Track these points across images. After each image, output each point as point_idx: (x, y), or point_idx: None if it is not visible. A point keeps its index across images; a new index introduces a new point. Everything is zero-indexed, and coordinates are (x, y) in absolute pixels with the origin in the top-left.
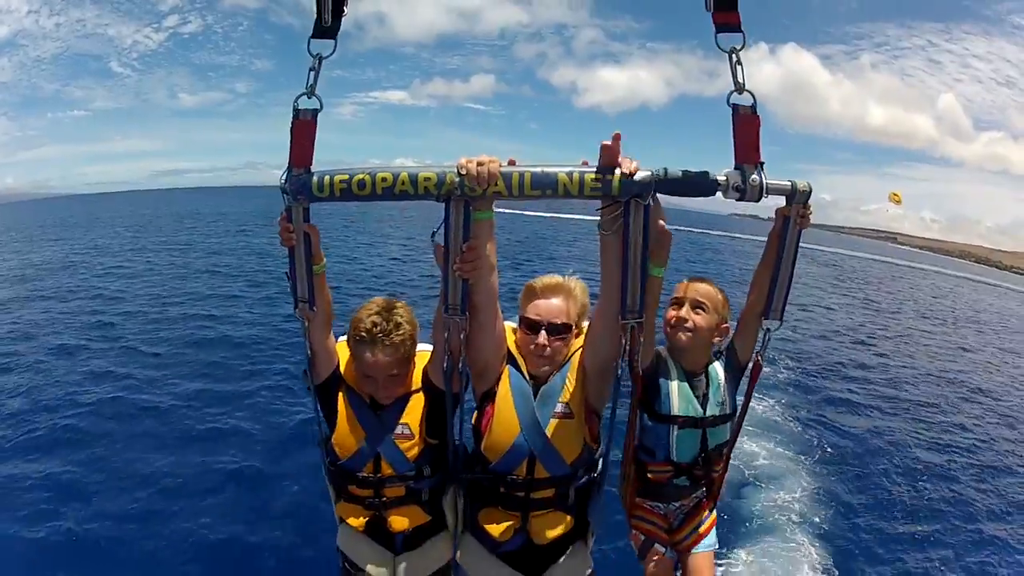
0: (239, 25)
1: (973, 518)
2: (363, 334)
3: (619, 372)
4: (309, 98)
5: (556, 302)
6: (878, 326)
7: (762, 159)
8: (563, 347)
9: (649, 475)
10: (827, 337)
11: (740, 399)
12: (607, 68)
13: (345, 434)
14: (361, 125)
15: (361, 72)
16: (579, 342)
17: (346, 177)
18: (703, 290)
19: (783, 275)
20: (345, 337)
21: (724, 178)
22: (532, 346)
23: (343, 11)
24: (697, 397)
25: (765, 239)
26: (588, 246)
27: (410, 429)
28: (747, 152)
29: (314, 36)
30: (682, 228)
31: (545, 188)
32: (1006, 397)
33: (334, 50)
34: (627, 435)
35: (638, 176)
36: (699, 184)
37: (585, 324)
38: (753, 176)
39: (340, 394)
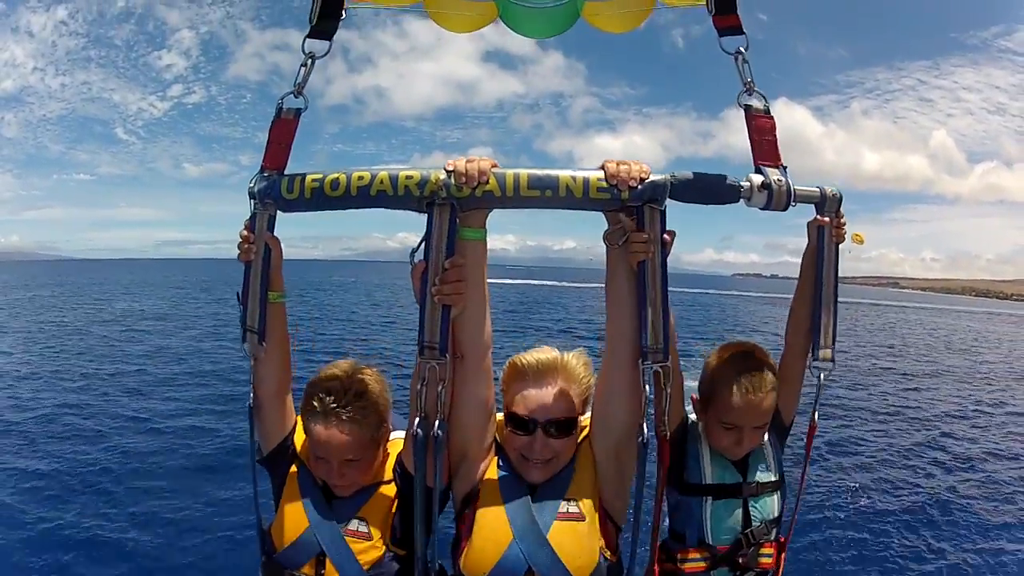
0: (243, 97)
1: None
2: (314, 404)
3: (642, 439)
4: (296, 97)
5: (553, 391)
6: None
7: (784, 163)
8: (568, 446)
9: (680, 566)
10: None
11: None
12: (602, 136)
13: (285, 520)
14: None
15: (363, 146)
16: (584, 420)
17: (319, 177)
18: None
19: (827, 300)
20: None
21: (747, 182)
22: (525, 452)
23: (341, 13)
24: (735, 462)
25: (767, 293)
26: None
27: (368, 527)
28: (767, 153)
29: (309, 36)
30: (685, 290)
31: (544, 189)
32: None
33: (328, 51)
34: (653, 528)
35: (652, 178)
36: (720, 188)
37: (588, 416)
38: (778, 177)
39: (292, 468)
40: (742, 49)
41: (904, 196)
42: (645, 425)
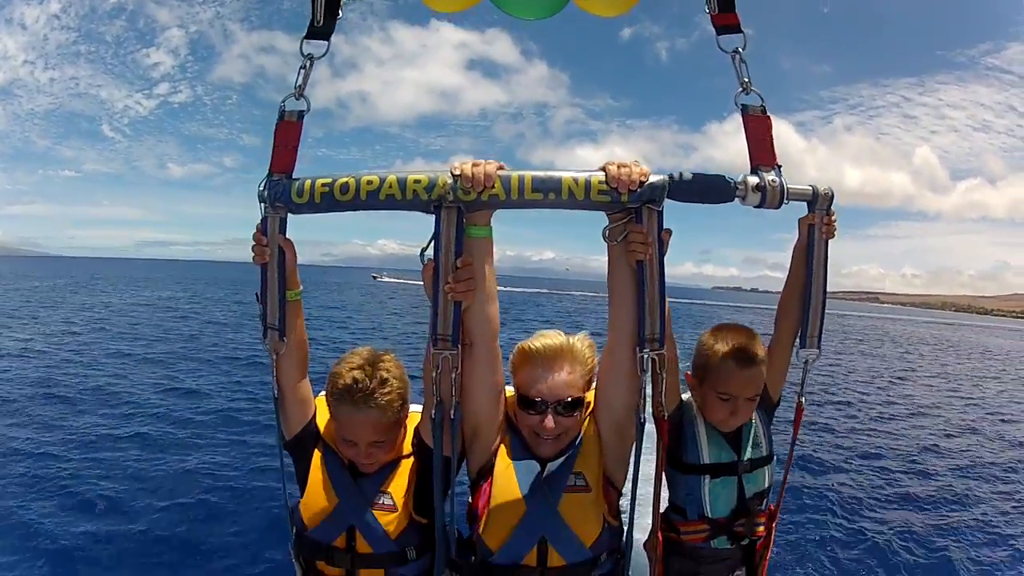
0: (228, 99)
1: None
2: (342, 392)
3: (640, 419)
4: (297, 99)
5: (562, 375)
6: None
7: (779, 162)
8: (576, 423)
9: (683, 537)
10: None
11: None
12: (583, 147)
13: (315, 499)
14: None
15: (346, 151)
16: (589, 395)
17: (329, 181)
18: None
19: (815, 294)
20: (324, 393)
21: (743, 183)
22: (537, 429)
23: (338, 13)
24: (729, 441)
25: (742, 305)
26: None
27: (393, 500)
28: (762, 153)
29: (307, 37)
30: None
31: (548, 191)
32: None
33: (327, 51)
34: (654, 499)
35: (650, 179)
36: (716, 188)
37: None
38: (772, 178)
39: (316, 451)
40: (740, 48)
41: (886, 212)
42: (642, 407)
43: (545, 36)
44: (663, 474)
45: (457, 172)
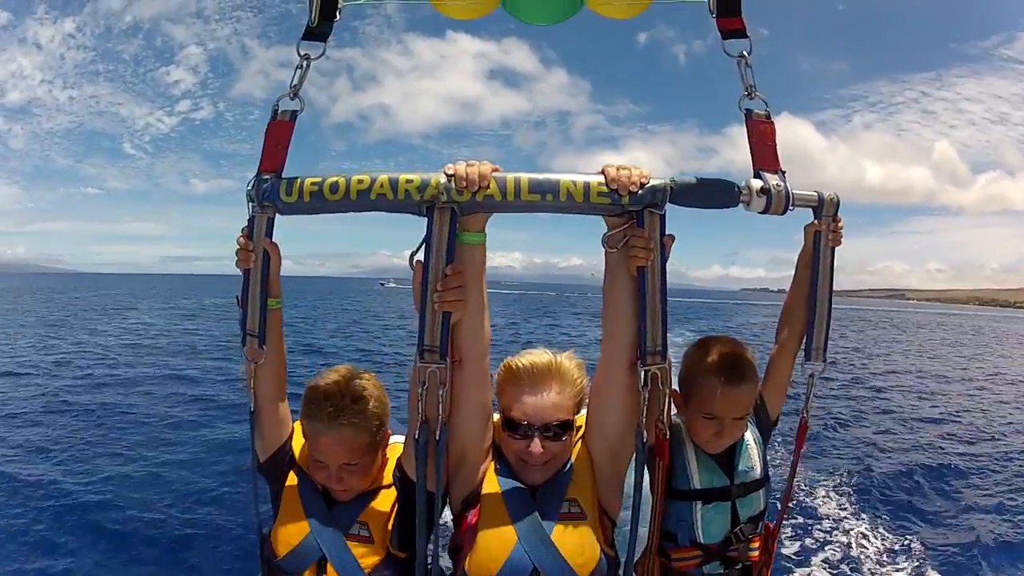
0: (250, 114)
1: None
2: (313, 407)
3: (641, 440)
4: (292, 99)
5: (550, 396)
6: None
7: (783, 168)
8: (565, 447)
9: (674, 564)
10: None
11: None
12: (605, 153)
13: (287, 526)
14: (371, 219)
15: (370, 163)
16: (579, 419)
17: (318, 180)
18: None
19: (821, 303)
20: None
21: (746, 187)
22: (523, 455)
23: (335, 15)
24: (721, 464)
25: (771, 303)
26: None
27: (369, 531)
28: (766, 158)
29: (304, 38)
30: (693, 300)
31: (545, 193)
32: None
33: (323, 52)
34: (651, 525)
35: (652, 182)
36: (720, 192)
37: (583, 413)
38: (776, 182)
39: (291, 474)
40: (745, 53)
41: (908, 208)
42: (643, 427)
43: (563, 43)
44: (663, 496)
45: (451, 172)
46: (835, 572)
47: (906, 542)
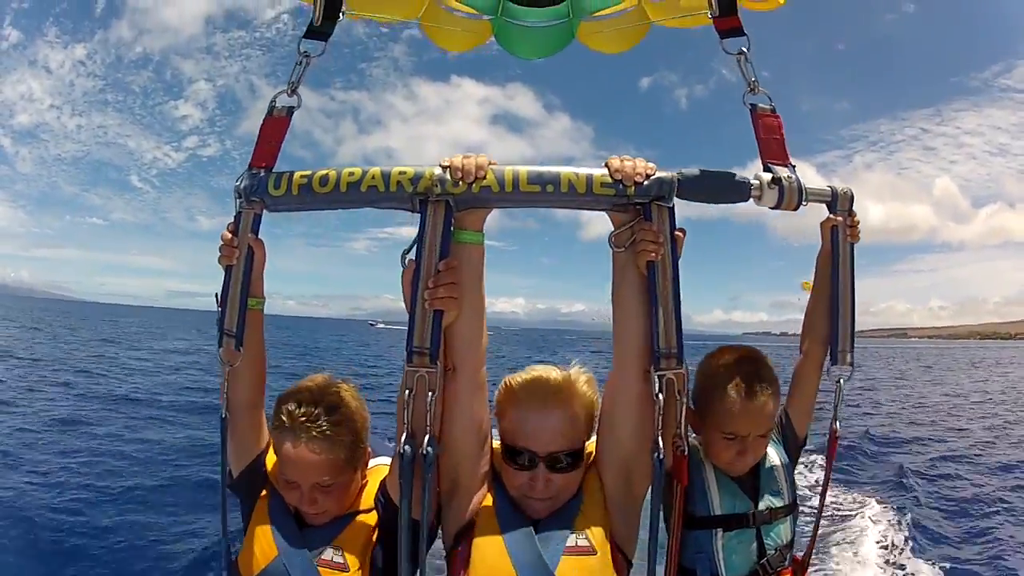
0: None
1: None
2: (283, 419)
3: (658, 455)
4: (290, 95)
5: (555, 417)
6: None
7: (792, 162)
8: (573, 479)
9: None
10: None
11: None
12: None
13: (255, 549)
14: (376, 259)
15: (375, 209)
16: (590, 445)
17: (308, 173)
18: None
19: (844, 302)
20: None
21: (756, 180)
22: (526, 490)
23: (338, 16)
24: (744, 488)
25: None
26: None
27: (344, 558)
28: (774, 151)
29: (306, 36)
30: (694, 342)
31: (545, 184)
32: None
33: (323, 51)
34: (669, 557)
35: (658, 174)
36: (729, 186)
37: (594, 439)
38: (788, 174)
39: (263, 493)
40: (744, 50)
41: (910, 247)
42: (660, 440)
43: (565, 89)
44: (681, 524)
45: (447, 163)
46: None
47: None
